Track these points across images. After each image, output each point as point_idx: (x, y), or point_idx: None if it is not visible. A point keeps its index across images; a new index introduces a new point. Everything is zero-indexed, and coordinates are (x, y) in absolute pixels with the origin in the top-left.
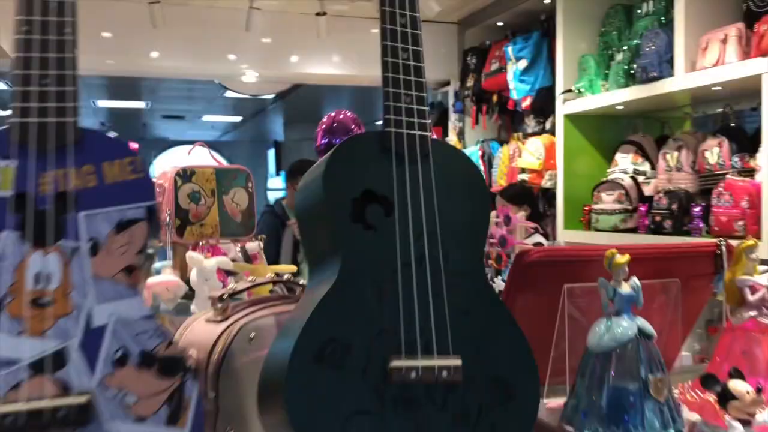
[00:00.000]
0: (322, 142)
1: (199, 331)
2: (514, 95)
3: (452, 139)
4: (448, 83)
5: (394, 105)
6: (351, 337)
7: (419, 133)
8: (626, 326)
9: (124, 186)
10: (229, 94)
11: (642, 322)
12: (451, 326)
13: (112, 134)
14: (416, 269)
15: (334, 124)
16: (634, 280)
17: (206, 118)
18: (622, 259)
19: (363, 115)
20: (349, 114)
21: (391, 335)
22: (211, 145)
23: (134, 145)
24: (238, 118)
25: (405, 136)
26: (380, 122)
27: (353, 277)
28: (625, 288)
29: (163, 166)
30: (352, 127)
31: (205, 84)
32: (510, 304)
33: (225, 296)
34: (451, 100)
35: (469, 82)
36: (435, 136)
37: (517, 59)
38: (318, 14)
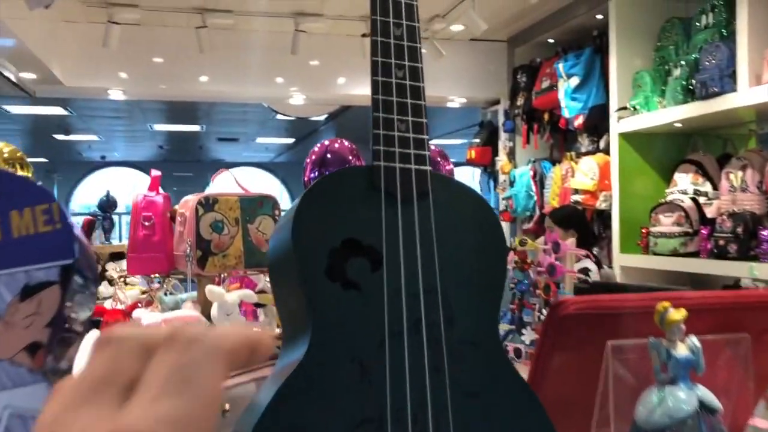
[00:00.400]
0: (311, 176)
1: None
2: (566, 113)
3: (503, 159)
4: (497, 102)
5: (385, 133)
6: (323, 430)
7: (416, 167)
8: (684, 398)
9: (35, 240)
10: (280, 116)
11: (704, 392)
12: (453, 413)
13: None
14: (410, 339)
15: (327, 155)
16: (693, 340)
17: (260, 140)
18: (677, 315)
19: None
20: (346, 143)
21: (376, 427)
22: (265, 166)
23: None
24: (290, 140)
25: (398, 171)
26: (434, 141)
27: (328, 350)
28: (682, 350)
29: (215, 188)
30: (350, 158)
31: (257, 107)
32: (544, 364)
33: None
34: (501, 119)
35: (520, 101)
36: (451, 170)
37: (569, 76)
38: (364, 35)
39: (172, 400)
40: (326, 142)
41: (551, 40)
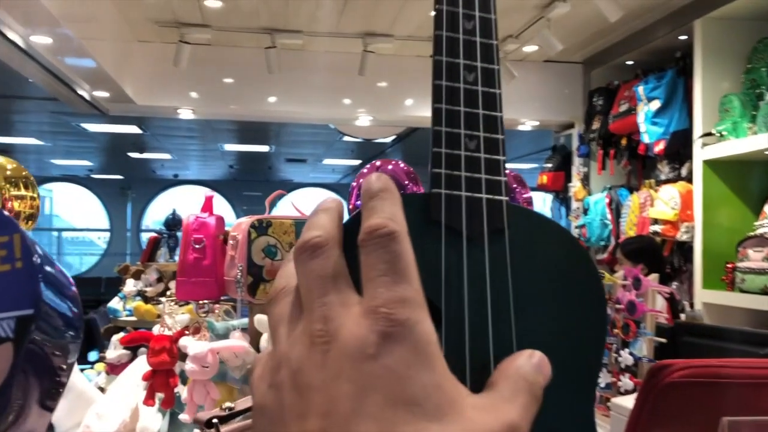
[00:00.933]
0: (357, 203)
1: None
2: (645, 139)
3: (576, 185)
4: (571, 125)
5: (448, 152)
6: None
7: (488, 196)
8: None
9: None
10: (347, 138)
11: None
12: None
13: None
14: None
15: None
16: None
17: (327, 161)
18: None
19: None
20: (402, 165)
21: None
22: (332, 187)
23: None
24: (357, 162)
25: (464, 201)
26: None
27: None
28: None
29: (283, 209)
30: (406, 183)
31: (324, 128)
32: None
33: (215, 421)
34: (575, 144)
35: (595, 125)
36: (527, 203)
37: (649, 100)
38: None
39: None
40: (377, 163)
41: (630, 62)
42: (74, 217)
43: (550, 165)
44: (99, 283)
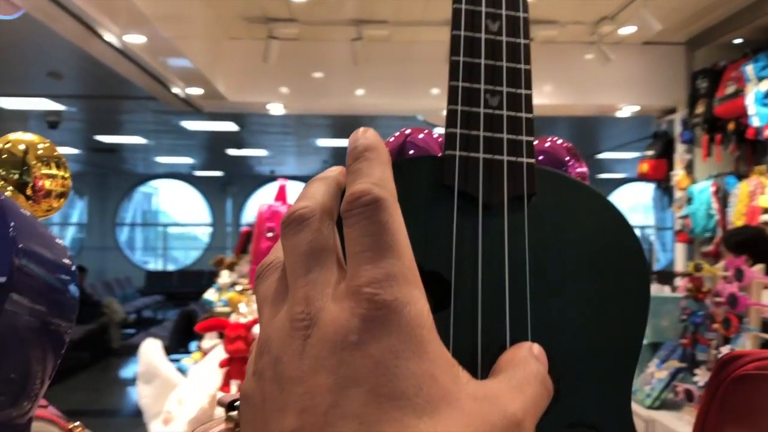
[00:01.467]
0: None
1: None
2: (755, 122)
3: (679, 173)
4: (673, 110)
5: (465, 110)
6: None
7: (509, 158)
8: None
9: None
10: (440, 129)
11: None
12: None
13: None
14: None
15: (407, 149)
16: None
17: None
18: None
19: (580, 148)
20: (435, 134)
21: None
22: None
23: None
24: None
25: (481, 163)
26: (602, 154)
27: None
28: None
29: None
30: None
31: (413, 120)
32: None
33: (237, 404)
34: (677, 129)
35: (699, 109)
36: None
37: (760, 79)
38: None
39: (385, 260)
40: (407, 131)
41: (738, 40)
42: (179, 213)
43: (651, 152)
44: (202, 275)
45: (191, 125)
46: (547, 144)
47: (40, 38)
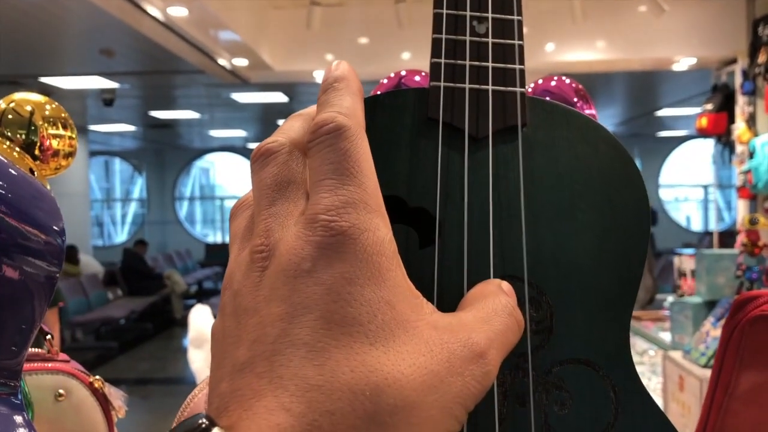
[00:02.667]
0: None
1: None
2: None
3: (740, 126)
4: (734, 61)
5: (449, 38)
6: None
7: (497, 88)
8: None
9: None
10: None
11: None
12: None
13: None
14: None
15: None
16: None
17: None
18: None
19: (639, 106)
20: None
21: None
22: None
23: None
24: None
25: (467, 94)
26: (662, 111)
27: None
28: None
29: None
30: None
31: None
32: (725, 390)
33: None
34: (738, 81)
35: (762, 58)
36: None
37: None
38: None
39: (345, 188)
40: (403, 73)
41: None
42: (235, 186)
43: (710, 106)
44: None
45: (241, 97)
46: (553, 83)
47: (91, 16)
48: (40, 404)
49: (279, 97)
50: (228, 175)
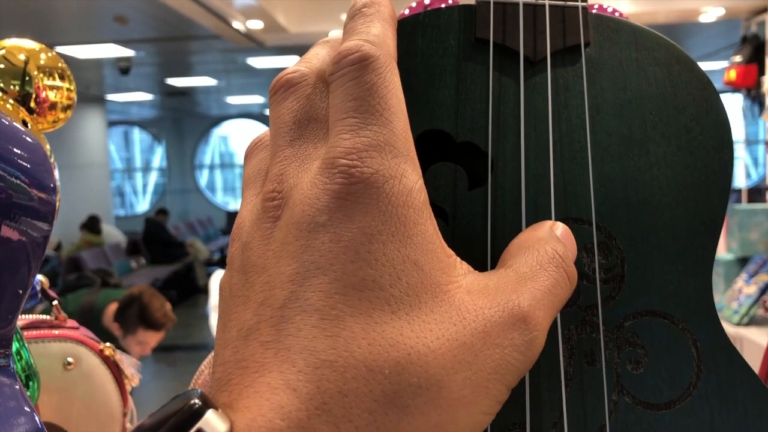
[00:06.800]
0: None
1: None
2: None
3: None
4: (764, 10)
5: None
6: None
7: (554, 2)
8: None
9: None
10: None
11: None
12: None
13: None
14: None
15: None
16: None
17: None
18: None
19: None
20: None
21: None
22: None
23: None
24: None
25: (521, 9)
26: None
27: None
28: None
29: None
30: None
31: None
32: None
33: None
34: None
35: None
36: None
37: None
38: None
39: (370, 127)
40: (426, 0)
41: None
42: None
43: (739, 58)
44: None
45: (257, 62)
46: (594, 11)
47: None
48: (47, 373)
49: (295, 61)
50: (246, 142)
